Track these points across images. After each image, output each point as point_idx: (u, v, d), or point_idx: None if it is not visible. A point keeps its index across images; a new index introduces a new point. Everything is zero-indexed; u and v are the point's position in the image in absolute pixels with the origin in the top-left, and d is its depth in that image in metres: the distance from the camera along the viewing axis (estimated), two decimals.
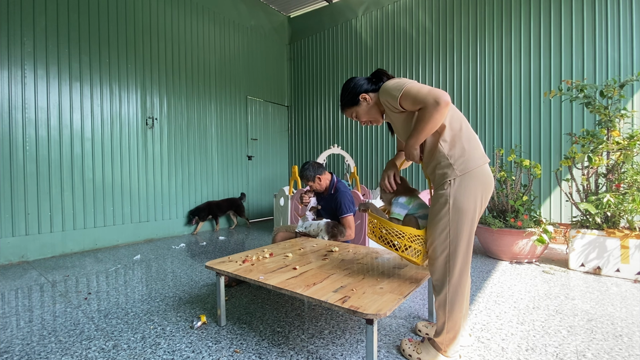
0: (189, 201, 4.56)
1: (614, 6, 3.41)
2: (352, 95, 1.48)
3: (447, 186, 1.25)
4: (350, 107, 1.50)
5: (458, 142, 1.26)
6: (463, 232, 1.25)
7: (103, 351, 1.51)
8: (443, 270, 1.30)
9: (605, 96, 2.74)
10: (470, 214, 1.25)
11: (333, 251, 2.03)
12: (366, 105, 1.47)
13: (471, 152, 1.26)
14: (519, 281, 2.43)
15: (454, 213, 1.25)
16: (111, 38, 3.76)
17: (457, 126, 1.28)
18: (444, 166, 1.27)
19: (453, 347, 1.33)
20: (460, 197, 1.24)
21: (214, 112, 4.91)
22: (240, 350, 1.49)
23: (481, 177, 1.26)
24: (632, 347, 1.51)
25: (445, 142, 1.27)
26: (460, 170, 1.24)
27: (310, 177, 2.68)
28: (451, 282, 1.29)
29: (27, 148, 3.16)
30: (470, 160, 1.25)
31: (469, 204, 1.24)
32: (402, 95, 1.26)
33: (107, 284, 2.44)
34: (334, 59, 5.70)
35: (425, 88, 1.22)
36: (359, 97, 1.46)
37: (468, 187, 1.24)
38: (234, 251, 3.45)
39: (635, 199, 2.45)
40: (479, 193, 1.26)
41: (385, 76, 1.45)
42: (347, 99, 1.50)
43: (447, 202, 1.25)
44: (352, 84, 1.49)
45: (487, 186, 1.28)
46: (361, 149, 5.37)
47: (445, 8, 4.46)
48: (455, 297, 1.29)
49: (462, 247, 1.26)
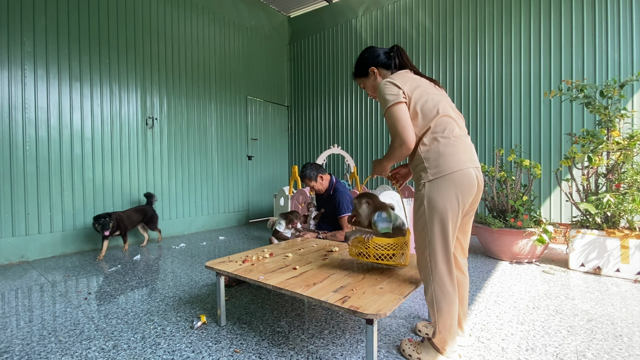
0: (189, 201, 4.56)
1: (614, 6, 3.41)
2: (362, 66, 1.50)
3: (422, 187, 1.30)
4: (360, 77, 1.54)
5: (435, 146, 1.28)
6: (440, 231, 1.28)
7: (103, 351, 1.51)
8: (426, 269, 1.33)
9: (605, 96, 2.74)
10: (441, 214, 1.26)
11: (333, 251, 2.03)
12: (373, 80, 1.50)
13: (448, 157, 1.26)
14: (519, 281, 2.43)
15: (429, 213, 1.28)
16: (111, 38, 3.76)
17: (439, 130, 1.29)
18: (420, 169, 1.32)
19: (450, 347, 1.33)
20: (433, 197, 1.27)
21: (214, 112, 4.91)
22: (240, 350, 1.49)
23: (457, 181, 1.26)
24: (632, 347, 1.51)
25: (424, 145, 1.31)
26: (432, 174, 1.27)
27: (312, 177, 2.68)
28: (435, 280, 1.31)
29: (27, 148, 3.16)
30: (445, 165, 1.26)
31: (440, 204, 1.26)
32: (385, 115, 1.34)
33: (107, 284, 2.44)
34: (334, 59, 5.70)
35: (401, 123, 1.27)
36: (369, 70, 1.49)
37: (440, 190, 1.26)
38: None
39: (635, 199, 2.45)
40: (453, 195, 1.26)
41: (399, 58, 1.47)
42: (358, 68, 1.53)
43: (422, 203, 1.30)
44: (366, 54, 1.50)
45: (464, 189, 1.27)
46: (361, 149, 5.37)
47: (445, 8, 4.46)
48: (441, 295, 1.30)
49: (441, 245, 1.28)
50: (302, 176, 2.74)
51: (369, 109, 5.27)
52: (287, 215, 2.75)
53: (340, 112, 5.63)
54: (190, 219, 4.57)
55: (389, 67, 1.48)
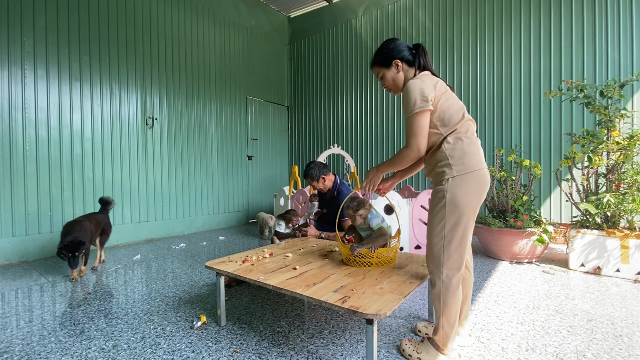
0: (189, 201, 4.56)
1: (614, 6, 3.41)
2: (387, 56, 1.48)
3: (445, 182, 1.32)
4: (380, 66, 1.50)
5: (460, 145, 1.33)
6: (458, 226, 1.30)
7: (103, 351, 1.51)
8: (437, 262, 1.34)
9: (605, 96, 2.74)
10: (466, 210, 1.30)
11: (333, 251, 2.03)
12: (395, 73, 1.48)
13: (471, 156, 1.33)
14: (519, 281, 2.43)
15: (450, 207, 1.30)
16: (111, 38, 3.76)
17: (463, 130, 1.35)
18: (444, 165, 1.33)
19: (451, 345, 1.34)
20: (457, 193, 1.30)
21: (214, 112, 4.91)
22: (240, 350, 1.49)
23: (479, 179, 1.32)
24: (632, 347, 1.51)
25: (448, 143, 1.34)
26: (457, 171, 1.31)
27: (315, 177, 2.67)
28: (444, 274, 1.32)
29: (27, 148, 3.16)
30: (469, 163, 1.32)
31: (465, 200, 1.30)
32: (409, 117, 1.35)
33: (107, 284, 2.44)
34: (334, 59, 5.70)
35: (422, 131, 1.32)
36: (393, 62, 1.47)
37: (463, 186, 1.30)
38: None
39: (635, 199, 2.45)
40: (475, 192, 1.32)
41: (423, 58, 1.47)
42: (381, 57, 1.49)
43: (444, 197, 1.31)
44: (392, 45, 1.49)
45: (482, 189, 1.34)
46: (361, 149, 5.37)
47: (445, 8, 4.46)
48: (448, 289, 1.32)
49: (456, 240, 1.31)
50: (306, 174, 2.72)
51: (369, 109, 5.27)
52: (284, 215, 2.74)
53: (340, 112, 5.63)
54: (190, 219, 4.57)
55: (412, 65, 1.47)
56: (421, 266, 1.68)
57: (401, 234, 1.81)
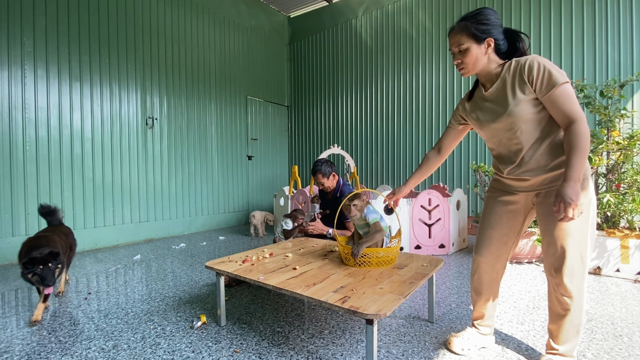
0: (189, 201, 4.56)
1: (614, 6, 3.41)
2: (481, 29, 1.22)
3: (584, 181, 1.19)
4: (469, 37, 1.23)
5: None
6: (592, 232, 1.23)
7: (103, 351, 1.51)
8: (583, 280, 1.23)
9: (605, 96, 2.74)
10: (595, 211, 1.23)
11: (333, 251, 2.03)
12: (483, 51, 1.24)
13: None
14: (519, 281, 2.43)
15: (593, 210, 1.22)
16: (111, 38, 3.76)
17: None
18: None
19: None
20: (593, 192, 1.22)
21: (214, 112, 4.91)
22: (240, 350, 1.49)
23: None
24: (632, 347, 1.51)
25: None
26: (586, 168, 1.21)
27: (326, 173, 2.65)
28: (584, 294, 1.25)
29: (27, 148, 3.16)
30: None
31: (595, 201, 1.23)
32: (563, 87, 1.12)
33: (107, 284, 2.44)
34: (334, 59, 5.70)
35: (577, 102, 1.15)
36: (486, 38, 1.22)
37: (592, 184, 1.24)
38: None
39: (635, 199, 2.45)
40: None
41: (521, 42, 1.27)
42: (473, 27, 1.22)
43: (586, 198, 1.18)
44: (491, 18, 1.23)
45: None
46: (361, 149, 5.37)
47: (445, 8, 4.46)
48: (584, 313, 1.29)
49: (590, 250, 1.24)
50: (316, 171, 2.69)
51: (369, 109, 5.27)
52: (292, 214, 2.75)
53: (340, 112, 5.63)
54: (190, 219, 4.57)
55: (499, 52, 1.27)
56: (421, 266, 1.68)
57: (401, 234, 1.81)
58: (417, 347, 1.52)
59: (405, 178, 4.86)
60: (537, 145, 1.23)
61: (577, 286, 1.22)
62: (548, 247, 1.26)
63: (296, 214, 2.73)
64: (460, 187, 4.24)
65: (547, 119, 1.21)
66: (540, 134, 1.22)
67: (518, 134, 1.24)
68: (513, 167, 1.29)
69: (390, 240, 1.77)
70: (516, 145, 1.26)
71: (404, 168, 4.91)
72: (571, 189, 1.07)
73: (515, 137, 1.25)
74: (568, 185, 1.07)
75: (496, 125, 1.28)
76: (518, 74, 1.20)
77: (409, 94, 4.84)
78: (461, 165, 4.38)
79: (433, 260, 1.77)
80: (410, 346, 1.53)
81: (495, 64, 1.27)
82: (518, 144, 1.26)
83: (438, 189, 3.72)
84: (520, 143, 1.25)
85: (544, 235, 1.28)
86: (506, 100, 1.23)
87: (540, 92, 1.16)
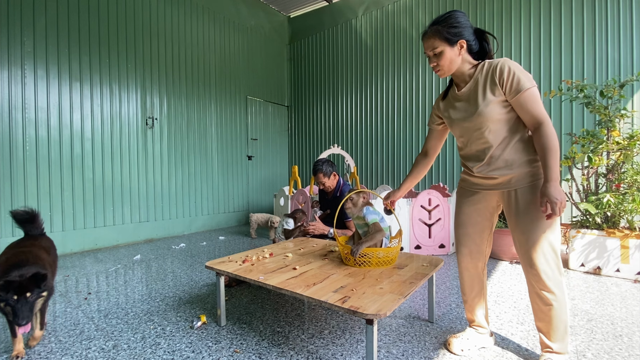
0: (189, 201, 4.56)
1: (613, 6, 3.41)
2: (452, 32, 1.25)
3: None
4: (442, 40, 1.26)
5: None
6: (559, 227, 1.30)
7: (103, 351, 1.51)
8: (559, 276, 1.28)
9: (605, 96, 2.74)
10: None
11: (333, 251, 2.03)
12: (457, 52, 1.27)
13: None
14: (519, 281, 2.43)
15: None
16: (111, 38, 3.76)
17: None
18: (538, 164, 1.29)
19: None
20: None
21: (214, 112, 4.91)
22: (240, 350, 1.49)
23: None
24: (632, 347, 1.51)
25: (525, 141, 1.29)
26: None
27: (327, 173, 2.66)
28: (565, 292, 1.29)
29: (27, 148, 3.16)
30: None
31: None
32: (530, 91, 1.19)
33: (107, 284, 2.44)
34: (334, 59, 5.70)
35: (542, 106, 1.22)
36: (458, 40, 1.26)
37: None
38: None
39: (635, 199, 2.45)
40: None
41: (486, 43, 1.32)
42: (445, 31, 1.25)
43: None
44: (462, 20, 1.27)
45: None
46: (361, 149, 5.37)
47: (445, 8, 4.46)
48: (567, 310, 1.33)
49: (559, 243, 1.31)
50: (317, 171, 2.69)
51: (369, 109, 5.27)
52: (294, 215, 2.75)
53: (340, 112, 5.63)
54: (190, 219, 4.57)
55: (471, 52, 1.30)
56: (421, 266, 1.68)
57: (402, 235, 1.81)
58: (417, 347, 1.52)
59: (404, 178, 4.86)
60: (505, 144, 1.28)
61: (554, 278, 1.25)
62: (520, 243, 1.30)
63: (301, 215, 2.74)
64: None
65: (514, 119, 1.27)
66: (507, 133, 1.28)
67: (486, 134, 1.29)
68: (482, 166, 1.34)
69: (390, 240, 1.77)
70: (484, 144, 1.31)
71: (404, 168, 4.91)
72: (554, 188, 1.15)
73: (484, 137, 1.30)
74: (551, 185, 1.16)
75: (466, 124, 1.34)
76: (490, 76, 1.25)
77: (409, 94, 4.84)
78: (461, 165, 4.38)
79: (433, 260, 1.77)
80: (410, 346, 1.53)
81: (468, 65, 1.31)
82: (486, 143, 1.31)
83: (438, 189, 3.72)
84: (489, 142, 1.30)
85: (515, 232, 1.32)
86: (477, 101, 1.28)
87: (509, 95, 1.22)
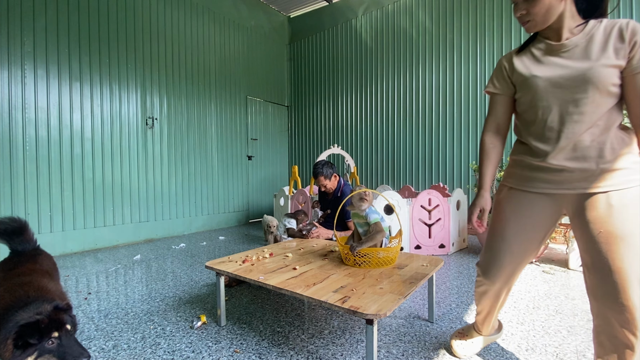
0: (189, 201, 4.56)
1: (613, 6, 3.41)
2: None
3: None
4: None
5: None
6: None
7: (103, 351, 1.51)
8: None
9: None
10: None
11: (333, 251, 2.03)
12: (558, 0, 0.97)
13: None
14: (519, 281, 2.43)
15: None
16: (111, 38, 3.76)
17: None
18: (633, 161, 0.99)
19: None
20: None
21: (214, 112, 4.91)
22: (240, 350, 1.50)
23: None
24: None
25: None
26: None
27: (328, 175, 2.67)
28: None
29: (27, 148, 3.16)
30: None
31: None
32: None
33: (107, 284, 2.44)
34: (334, 59, 5.70)
35: None
36: None
37: None
38: None
39: None
40: None
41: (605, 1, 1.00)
42: None
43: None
44: None
45: None
46: (361, 149, 5.37)
47: (445, 8, 4.46)
48: None
49: None
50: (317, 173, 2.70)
51: (369, 109, 5.27)
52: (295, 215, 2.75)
53: (340, 112, 5.63)
54: (190, 219, 4.57)
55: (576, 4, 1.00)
56: (421, 266, 1.68)
57: (402, 235, 1.81)
58: (417, 347, 1.52)
59: (404, 178, 4.86)
60: (602, 127, 0.99)
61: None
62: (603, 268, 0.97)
63: (303, 217, 2.74)
64: (460, 187, 4.24)
65: (617, 100, 1.00)
66: (607, 114, 0.99)
67: (586, 103, 0.97)
68: (563, 149, 1.01)
69: (390, 240, 1.77)
70: (578, 117, 0.99)
71: (404, 168, 4.91)
72: None
73: (581, 107, 0.98)
74: None
75: (563, 84, 1.00)
76: (616, 33, 0.95)
77: (409, 94, 4.84)
78: (461, 165, 4.38)
79: (433, 260, 1.77)
80: (410, 346, 1.53)
81: (571, 20, 0.99)
82: (581, 116, 0.98)
83: (438, 189, 3.72)
84: (585, 116, 0.98)
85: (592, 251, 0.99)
86: (590, 55, 0.96)
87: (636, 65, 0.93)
